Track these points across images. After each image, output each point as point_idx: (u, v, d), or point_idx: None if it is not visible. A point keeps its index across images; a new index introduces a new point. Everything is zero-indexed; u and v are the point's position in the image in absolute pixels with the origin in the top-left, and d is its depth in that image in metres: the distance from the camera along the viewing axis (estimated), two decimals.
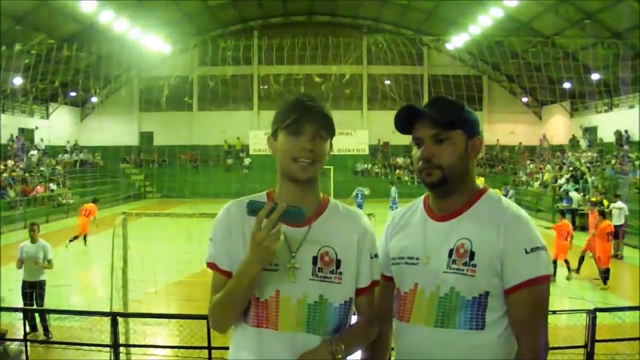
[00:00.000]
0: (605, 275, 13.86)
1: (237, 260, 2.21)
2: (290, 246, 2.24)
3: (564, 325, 8.58)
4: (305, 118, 2.23)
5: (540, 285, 2.18)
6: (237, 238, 2.27)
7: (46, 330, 9.56)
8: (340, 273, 2.27)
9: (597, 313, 6.96)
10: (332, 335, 2.25)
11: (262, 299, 2.23)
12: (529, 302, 2.17)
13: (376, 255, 2.38)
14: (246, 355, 2.24)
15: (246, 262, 2.12)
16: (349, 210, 2.42)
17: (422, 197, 2.47)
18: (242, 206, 2.23)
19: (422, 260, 2.30)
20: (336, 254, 2.28)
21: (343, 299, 2.29)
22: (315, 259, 2.25)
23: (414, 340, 2.29)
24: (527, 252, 2.17)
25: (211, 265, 2.32)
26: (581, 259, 14.86)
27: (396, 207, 25.21)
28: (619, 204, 18.30)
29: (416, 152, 2.33)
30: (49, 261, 10.05)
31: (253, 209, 2.11)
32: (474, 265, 2.18)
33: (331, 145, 2.35)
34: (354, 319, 2.39)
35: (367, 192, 27.84)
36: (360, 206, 26.00)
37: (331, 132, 2.31)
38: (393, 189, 28.41)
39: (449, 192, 2.31)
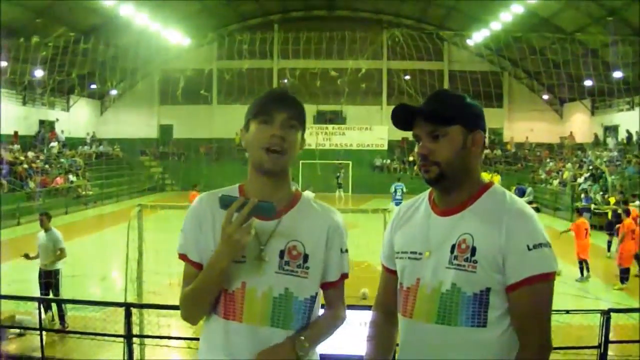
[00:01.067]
0: (623, 275, 13.65)
1: (206, 252, 2.25)
2: (260, 239, 2.25)
3: (577, 325, 8.52)
4: (275, 107, 2.26)
5: (542, 283, 2.14)
6: (207, 230, 2.29)
7: (62, 319, 9.68)
8: (307, 268, 2.29)
9: (612, 314, 6.91)
10: (295, 331, 2.26)
11: (230, 291, 2.25)
12: (531, 299, 2.14)
13: (346, 250, 2.41)
14: (213, 346, 2.28)
15: (216, 254, 2.15)
16: (321, 206, 2.43)
17: (428, 191, 2.45)
18: (214, 198, 2.25)
19: (425, 255, 2.28)
20: (304, 248, 2.29)
21: (309, 294, 2.31)
22: (282, 253, 2.27)
23: (416, 336, 2.28)
24: (529, 249, 2.13)
25: (182, 256, 2.34)
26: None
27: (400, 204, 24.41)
28: (637, 203, 18.10)
29: (417, 148, 2.32)
30: (61, 250, 10.14)
31: (225, 203, 2.14)
32: (475, 261, 2.16)
33: (303, 139, 2.36)
34: (320, 312, 2.41)
35: (405, 189, 26.11)
36: (399, 203, 24.62)
37: (302, 123, 2.33)
38: (394, 185, 26.34)
39: (450, 188, 2.29)
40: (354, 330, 4.65)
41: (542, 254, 2.15)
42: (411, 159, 38.09)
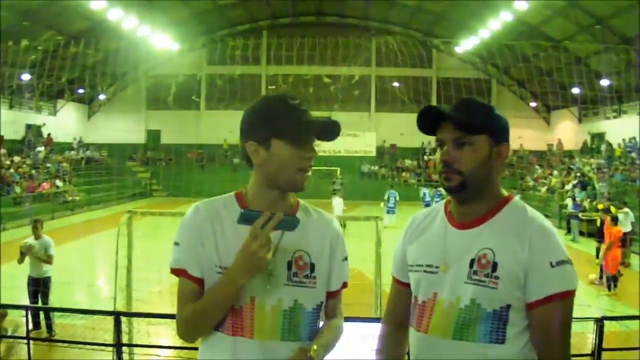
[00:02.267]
0: (609, 282, 13.75)
1: (209, 267, 2.17)
2: None
3: (571, 333, 8.49)
4: (308, 128, 2.20)
5: (564, 301, 2.10)
6: (209, 243, 2.19)
7: (50, 328, 9.56)
8: (315, 277, 2.25)
9: (605, 321, 6.88)
10: (304, 342, 2.21)
11: (237, 307, 2.17)
12: (552, 317, 2.09)
13: (346, 259, 2.38)
14: None
15: (236, 270, 2.08)
16: (320, 214, 2.40)
17: (443, 201, 2.39)
18: (212, 208, 2.22)
19: (442, 269, 2.22)
20: (310, 257, 2.25)
21: (315, 303, 2.27)
22: (289, 264, 2.22)
23: (430, 352, 2.21)
24: (552, 266, 2.08)
25: (179, 271, 2.21)
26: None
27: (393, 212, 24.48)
28: (625, 209, 18.19)
29: (439, 154, 2.25)
30: (50, 256, 10.03)
31: (246, 218, 2.07)
32: (497, 277, 2.10)
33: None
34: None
35: (398, 197, 25.89)
36: (391, 211, 24.50)
37: None
38: (388, 192, 26.43)
39: (469, 199, 2.23)
40: (356, 343, 4.59)
41: (565, 272, 2.10)
42: (408, 163, 38.21)
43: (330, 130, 2.26)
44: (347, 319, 5.41)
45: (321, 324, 2.35)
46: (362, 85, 39.64)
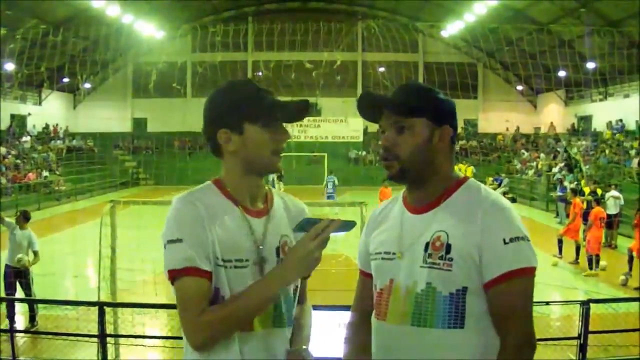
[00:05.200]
0: (589, 261, 14.04)
1: (212, 259, 2.07)
2: (256, 239, 2.16)
3: (557, 317, 8.52)
4: (281, 110, 2.18)
5: (521, 279, 2.03)
6: (211, 234, 2.08)
7: (32, 319, 9.39)
8: None
9: (591, 304, 6.89)
10: (289, 327, 2.22)
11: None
12: (510, 296, 2.02)
13: None
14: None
15: (288, 268, 2.05)
16: (290, 197, 2.40)
17: (401, 193, 2.36)
18: (202, 199, 2.14)
19: (398, 255, 2.18)
20: (293, 242, 2.22)
21: (295, 285, 2.26)
22: (278, 250, 2.19)
23: (390, 340, 2.17)
24: (505, 243, 2.03)
25: (189, 270, 2.02)
26: (560, 242, 15.36)
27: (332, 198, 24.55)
28: (615, 192, 18.25)
29: (381, 140, 2.23)
30: (35, 253, 9.89)
31: (304, 227, 2.06)
32: (450, 259, 2.05)
33: None
34: None
35: (337, 181, 26.58)
36: (331, 197, 24.76)
37: None
38: (328, 177, 26.87)
39: (416, 184, 2.21)
40: (333, 332, 4.55)
41: (520, 248, 2.04)
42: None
43: (301, 110, 2.23)
44: (337, 307, 5.41)
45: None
46: (345, 70, 39.56)
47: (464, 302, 2.06)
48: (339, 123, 38.61)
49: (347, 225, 2.06)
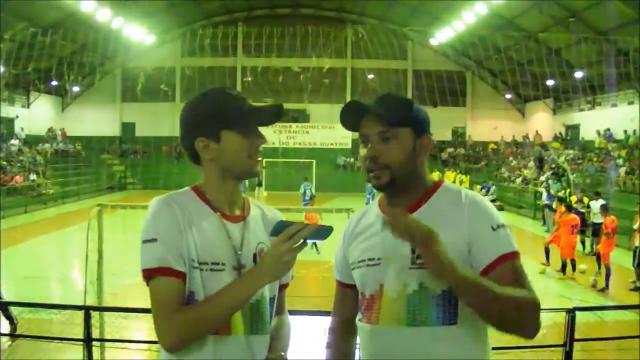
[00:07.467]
0: (564, 266, 14.54)
1: (187, 261, 2.08)
2: (234, 245, 2.18)
3: (543, 324, 8.53)
4: (255, 116, 2.22)
5: (514, 260, 2.11)
6: (186, 236, 2.09)
7: (11, 320, 9.18)
8: None
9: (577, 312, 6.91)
10: (262, 334, 2.21)
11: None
12: (511, 273, 2.09)
13: None
14: None
15: (260, 271, 2.05)
16: (266, 207, 2.44)
17: (376, 200, 2.40)
18: (179, 201, 2.17)
19: (384, 260, 2.21)
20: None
21: (273, 294, 2.29)
22: (255, 256, 2.21)
23: (385, 342, 2.18)
24: (494, 229, 2.12)
25: (162, 270, 2.04)
26: (546, 251, 15.53)
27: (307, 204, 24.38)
28: (601, 201, 18.32)
29: (363, 150, 2.25)
30: None
31: (278, 230, 2.03)
32: None
33: None
34: None
35: (313, 189, 26.31)
36: (307, 204, 24.47)
37: None
38: (304, 184, 26.89)
39: (399, 191, 2.24)
40: (317, 337, 4.53)
41: (507, 233, 2.15)
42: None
43: (275, 114, 2.26)
44: (324, 313, 5.37)
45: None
46: (336, 76, 39.63)
47: (457, 298, 2.10)
48: (327, 129, 38.70)
49: (323, 231, 2.05)
